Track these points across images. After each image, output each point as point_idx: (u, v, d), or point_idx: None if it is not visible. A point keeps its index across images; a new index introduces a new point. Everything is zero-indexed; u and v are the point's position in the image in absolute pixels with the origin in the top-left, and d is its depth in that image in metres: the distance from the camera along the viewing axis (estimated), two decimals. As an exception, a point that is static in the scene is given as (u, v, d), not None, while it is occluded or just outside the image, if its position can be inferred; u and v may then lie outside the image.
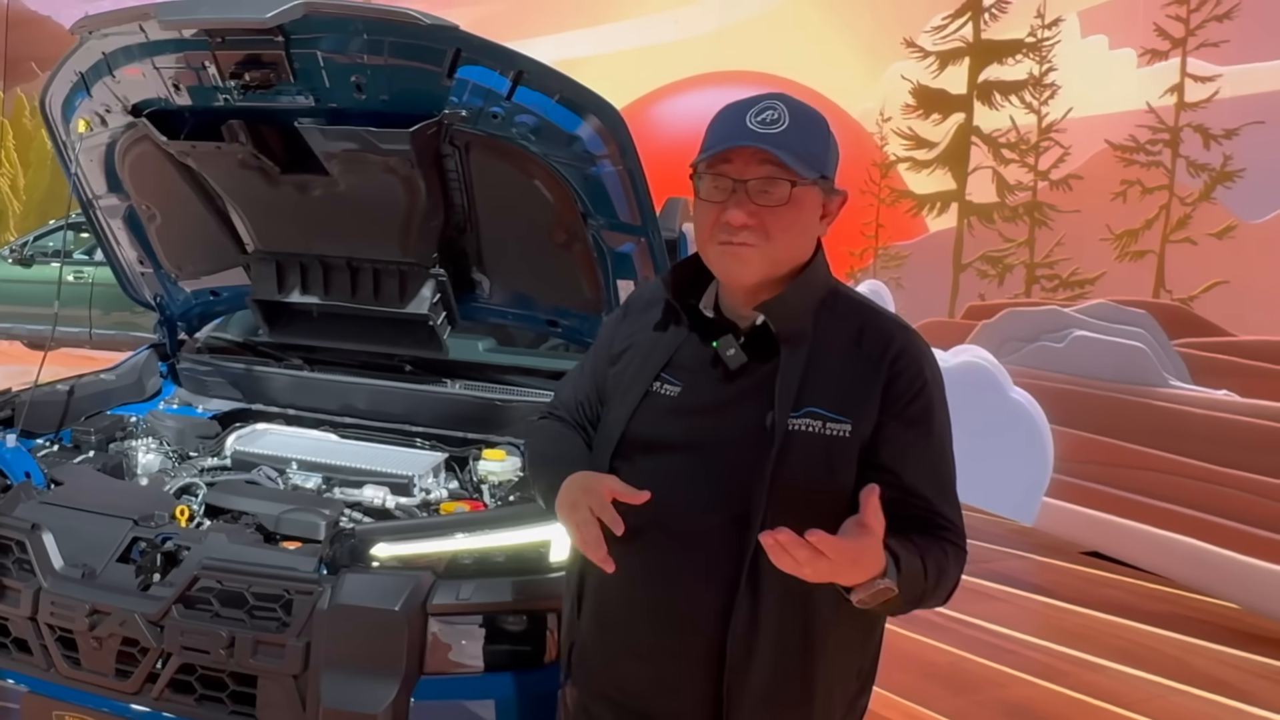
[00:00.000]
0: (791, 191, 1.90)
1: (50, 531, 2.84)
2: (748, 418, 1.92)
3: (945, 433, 1.97)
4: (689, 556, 1.95)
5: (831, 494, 1.88)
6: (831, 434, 1.89)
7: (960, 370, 8.43)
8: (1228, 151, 8.54)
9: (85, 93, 3.48)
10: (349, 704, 2.53)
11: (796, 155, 1.89)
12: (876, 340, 1.95)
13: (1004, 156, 10.56)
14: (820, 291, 2.01)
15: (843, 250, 12.21)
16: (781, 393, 1.91)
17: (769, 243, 1.93)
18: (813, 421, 1.89)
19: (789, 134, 1.90)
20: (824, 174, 1.93)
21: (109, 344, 10.17)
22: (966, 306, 9.90)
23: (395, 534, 2.77)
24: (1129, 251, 9.33)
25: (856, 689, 2.09)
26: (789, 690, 1.95)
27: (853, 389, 1.91)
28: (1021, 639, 5.70)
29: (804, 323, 1.97)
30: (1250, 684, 5.32)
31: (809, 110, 1.97)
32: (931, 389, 1.95)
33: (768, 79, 14.42)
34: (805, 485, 1.88)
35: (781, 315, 1.96)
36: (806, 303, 1.98)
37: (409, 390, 3.72)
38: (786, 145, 1.89)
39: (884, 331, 1.97)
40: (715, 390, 1.99)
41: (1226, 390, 7.55)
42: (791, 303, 1.97)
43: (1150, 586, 6.79)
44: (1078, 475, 7.81)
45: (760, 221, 1.91)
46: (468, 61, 3.01)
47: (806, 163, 1.90)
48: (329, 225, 3.56)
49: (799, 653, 1.94)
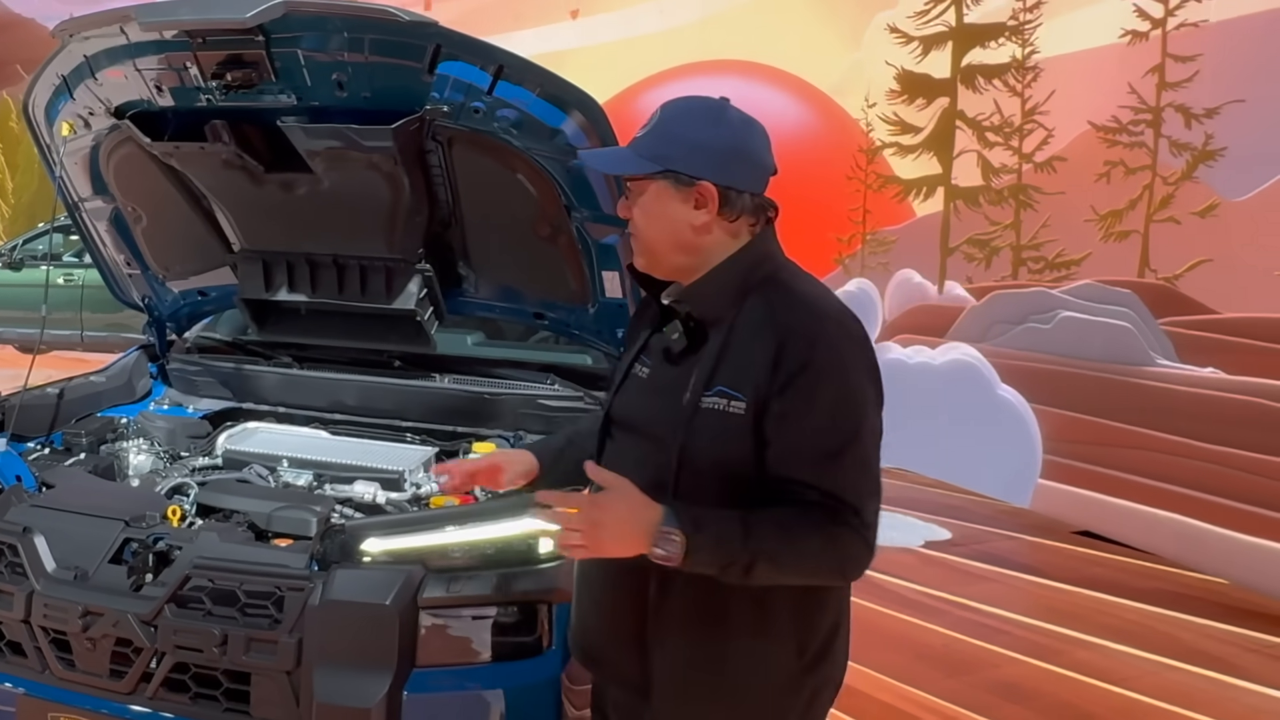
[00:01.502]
0: (634, 186, 2.14)
1: (42, 534, 2.86)
2: (678, 397, 2.06)
3: (838, 407, 1.99)
4: None
5: (730, 468, 2.01)
6: (732, 411, 2.00)
7: (949, 368, 8.46)
8: (1209, 130, 8.56)
9: (68, 95, 3.49)
10: (342, 698, 2.55)
11: (643, 155, 2.10)
12: (776, 321, 2.02)
13: (988, 140, 10.57)
14: (748, 277, 2.10)
15: (830, 236, 12.24)
16: (698, 373, 2.06)
17: (637, 231, 2.16)
18: (719, 400, 2.01)
19: (646, 136, 2.11)
20: (667, 168, 2.07)
21: (100, 346, 10.16)
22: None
23: (385, 529, 2.79)
24: (1114, 232, 9.35)
25: (800, 666, 2.11)
26: (703, 656, 2.08)
27: (751, 369, 2.00)
28: (1013, 619, 5.73)
29: (723, 307, 2.09)
30: (1241, 658, 5.35)
31: (681, 109, 2.13)
32: (819, 365, 1.98)
33: (753, 67, 14.44)
34: (707, 459, 2.02)
35: (696, 301, 2.13)
36: (726, 288, 2.10)
37: (398, 385, 3.74)
38: (637, 146, 2.11)
39: (784, 312, 2.04)
40: (665, 372, 2.16)
41: (1213, 368, 7.58)
42: (706, 289, 2.12)
43: (1140, 564, 6.82)
44: (1067, 455, 7.84)
45: (631, 215, 2.17)
46: (448, 57, 3.03)
47: (652, 160, 2.09)
48: (314, 223, 3.57)
49: (710, 621, 2.06)
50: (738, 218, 2.10)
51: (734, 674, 2.08)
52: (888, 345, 9.22)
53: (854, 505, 1.97)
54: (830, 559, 2.00)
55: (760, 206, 2.13)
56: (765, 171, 2.14)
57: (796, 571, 2.00)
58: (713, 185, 2.07)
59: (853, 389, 2.01)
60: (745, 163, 2.11)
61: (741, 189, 2.09)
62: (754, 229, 2.13)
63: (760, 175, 2.13)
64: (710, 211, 2.08)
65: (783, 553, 1.95)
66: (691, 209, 2.09)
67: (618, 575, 2.12)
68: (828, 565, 2.01)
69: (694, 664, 2.09)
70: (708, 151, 2.07)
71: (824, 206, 12.29)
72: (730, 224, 2.10)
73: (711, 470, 2.01)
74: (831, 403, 1.98)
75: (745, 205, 2.10)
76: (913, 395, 8.57)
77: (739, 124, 2.12)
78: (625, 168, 2.16)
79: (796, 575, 2.01)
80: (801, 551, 1.96)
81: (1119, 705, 4.77)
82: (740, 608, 2.05)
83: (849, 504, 1.96)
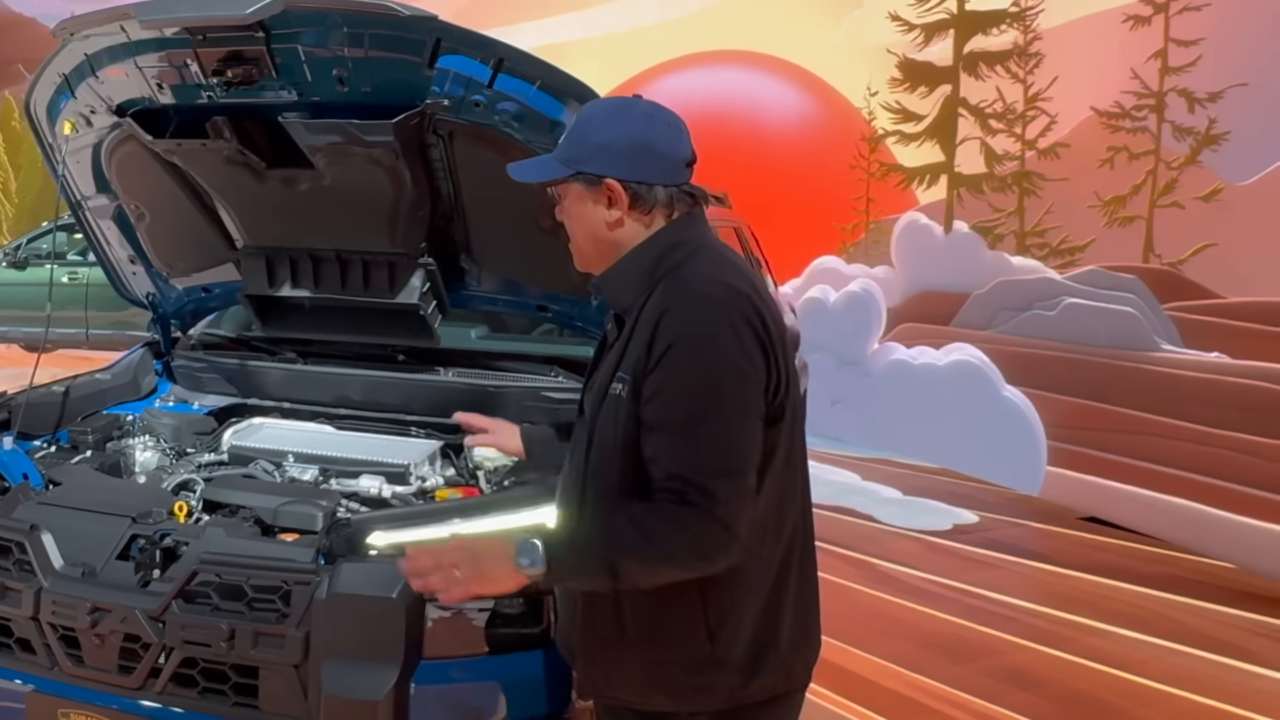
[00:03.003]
0: (556, 190, 2.21)
1: (49, 532, 2.87)
2: (605, 384, 2.13)
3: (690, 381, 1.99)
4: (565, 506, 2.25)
5: (625, 449, 2.06)
6: (622, 395, 2.06)
7: (953, 370, 8.46)
8: (1212, 114, 8.55)
9: (69, 94, 3.50)
10: (350, 692, 2.56)
11: (559, 159, 2.16)
12: (663, 302, 2.05)
13: (991, 127, 10.56)
14: (653, 268, 2.12)
15: (833, 226, 12.23)
16: (609, 360, 2.16)
17: (570, 235, 2.23)
18: (618, 384, 2.08)
19: (563, 142, 2.18)
20: (579, 170, 2.13)
21: (105, 344, 10.19)
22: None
23: (391, 522, 2.80)
24: (1117, 218, 9.35)
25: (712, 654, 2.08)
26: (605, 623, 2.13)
27: (637, 351, 2.06)
28: (1020, 605, 5.73)
29: (631, 296, 2.14)
30: (1248, 642, 5.36)
31: (585, 114, 2.19)
32: (681, 341, 2.00)
33: (754, 57, 14.43)
34: (606, 442, 2.09)
35: (605, 291, 2.22)
36: (630, 277, 2.14)
37: (403, 380, 3.75)
38: (553, 154, 2.18)
39: (672, 294, 2.06)
40: (604, 361, 2.22)
41: (1218, 352, 7.58)
42: (612, 280, 2.19)
43: (1147, 549, 6.82)
44: (1072, 441, 7.84)
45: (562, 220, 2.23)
46: (448, 51, 3.03)
47: (565, 163, 2.15)
48: (317, 219, 3.58)
49: (609, 607, 2.11)
50: (650, 210, 2.14)
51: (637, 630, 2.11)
52: (891, 346, 9.22)
53: (698, 483, 1.94)
54: (683, 544, 1.95)
55: (675, 197, 2.15)
56: (675, 161, 2.15)
57: (662, 562, 1.97)
58: (617, 182, 2.11)
59: (708, 359, 1.99)
60: (649, 156, 2.12)
61: (651, 182, 2.12)
62: (670, 220, 2.16)
63: (670, 166, 2.14)
64: (621, 207, 2.13)
65: (640, 547, 1.95)
66: (605, 208, 2.14)
67: None
68: (682, 551, 1.96)
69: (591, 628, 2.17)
70: (611, 150, 2.11)
71: (827, 196, 12.29)
72: (645, 217, 2.14)
73: (609, 453, 2.08)
74: (683, 377, 2.00)
75: (658, 198, 2.13)
76: (917, 398, 8.59)
77: (642, 119, 2.13)
78: (537, 174, 2.20)
79: (665, 567, 1.97)
80: (655, 541, 1.95)
81: (1126, 690, 4.77)
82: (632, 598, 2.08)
83: (693, 482, 1.94)
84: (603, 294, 2.23)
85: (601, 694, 2.24)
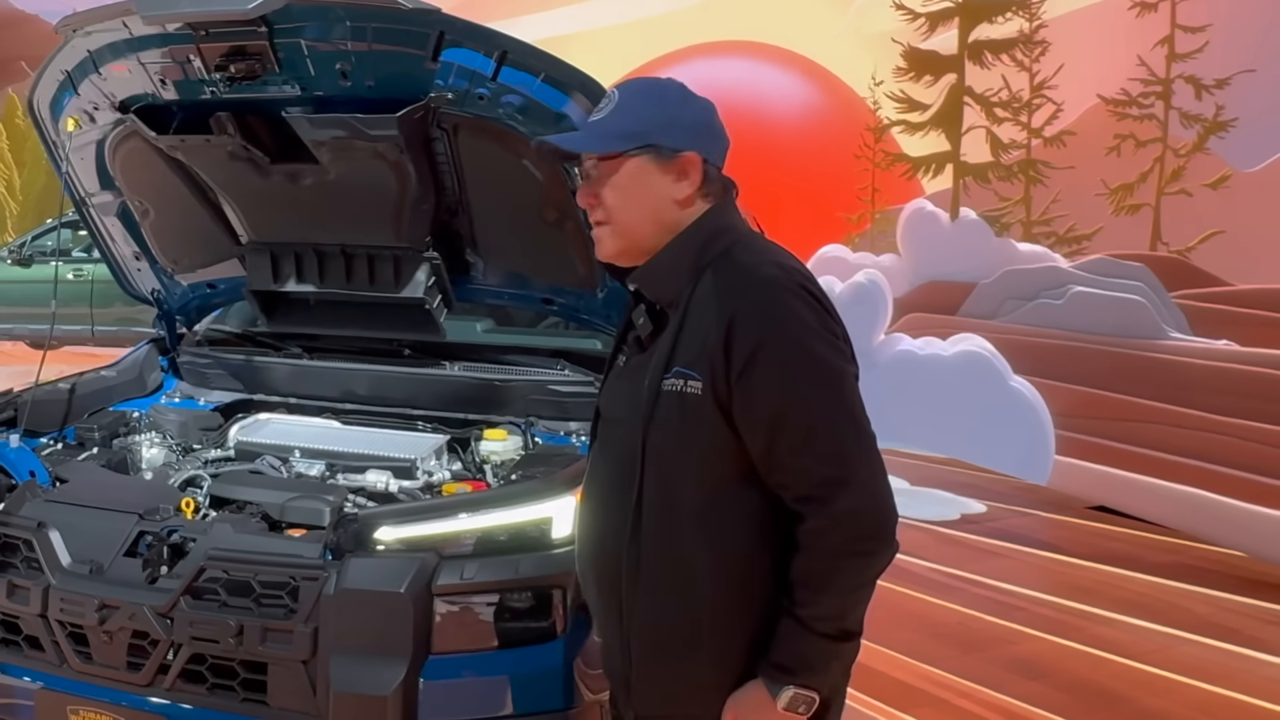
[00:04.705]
0: (606, 166, 2.04)
1: (57, 529, 2.87)
2: (643, 382, 2.01)
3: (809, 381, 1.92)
4: (601, 515, 2.11)
5: (694, 451, 1.95)
6: (688, 391, 1.94)
7: (960, 360, 8.43)
8: (1220, 101, 8.52)
9: (73, 91, 3.49)
10: (359, 687, 2.56)
11: (614, 134, 2.03)
12: (726, 292, 1.96)
13: (997, 115, 10.53)
14: (702, 253, 2.02)
15: (839, 216, 12.21)
16: (657, 356, 2.00)
17: (609, 216, 2.06)
18: (677, 380, 1.95)
19: (609, 117, 2.05)
20: (649, 143, 2.01)
21: (110, 340, 10.20)
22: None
23: (398, 517, 2.79)
24: (1125, 205, 9.34)
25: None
26: (672, 639, 2.02)
27: (703, 347, 1.94)
28: (1029, 595, 5.73)
29: (676, 286, 2.02)
30: (1259, 630, 5.35)
31: (645, 88, 2.09)
32: (774, 341, 1.91)
33: (759, 48, 14.41)
34: (668, 443, 1.96)
35: (650, 281, 2.07)
36: (678, 266, 2.03)
37: (409, 374, 3.74)
38: (604, 128, 2.04)
39: (736, 283, 1.97)
40: (635, 359, 2.12)
41: (1226, 340, 7.56)
42: (659, 268, 2.06)
43: (1156, 538, 6.81)
44: (1081, 431, 7.83)
45: (599, 199, 2.06)
46: (451, 44, 3.02)
47: (623, 137, 2.02)
48: (321, 213, 3.57)
49: (676, 603, 2.00)
50: (709, 193, 2.06)
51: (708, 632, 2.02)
52: (898, 336, 9.21)
53: (842, 477, 1.90)
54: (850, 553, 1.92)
55: (726, 182, 2.10)
56: (725, 146, 2.11)
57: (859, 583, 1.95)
58: (697, 155, 2.03)
59: (817, 357, 1.93)
60: (716, 137, 2.08)
61: (716, 163, 2.07)
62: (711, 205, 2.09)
63: (724, 151, 2.11)
64: (694, 183, 2.04)
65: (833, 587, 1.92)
66: (673, 181, 2.03)
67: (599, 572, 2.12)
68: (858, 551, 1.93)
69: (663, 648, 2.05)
70: (684, 125, 2.04)
71: (832, 186, 12.27)
72: (703, 199, 2.06)
73: (671, 455, 1.96)
74: (800, 379, 1.91)
75: (716, 179, 2.07)
76: (924, 389, 8.56)
77: (703, 101, 2.10)
78: (607, 145, 2.04)
79: (862, 585, 1.96)
80: (838, 569, 1.92)
81: (1136, 679, 4.77)
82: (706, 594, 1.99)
83: (836, 480, 1.90)
84: (643, 284, 2.08)
85: (660, 712, 2.10)
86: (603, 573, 2.10)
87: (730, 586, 1.98)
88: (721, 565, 1.97)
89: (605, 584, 2.10)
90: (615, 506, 2.05)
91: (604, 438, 2.17)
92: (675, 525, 1.97)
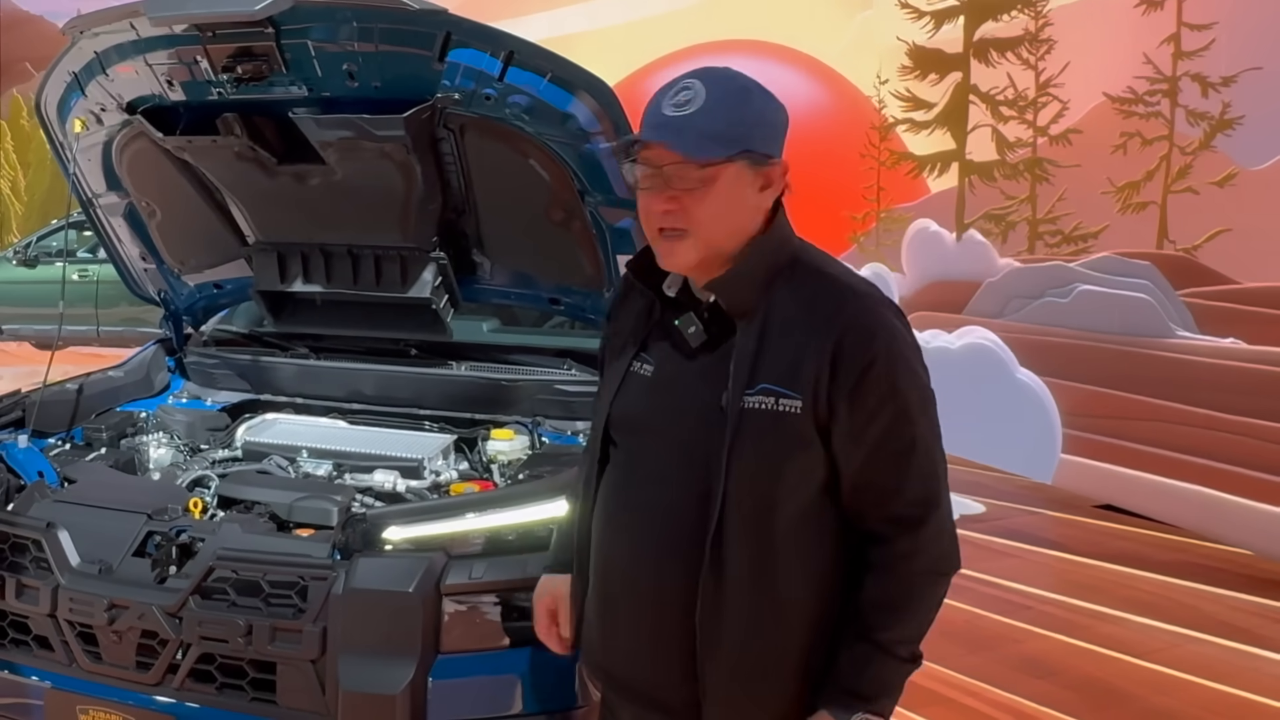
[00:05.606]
0: (702, 174, 1.85)
1: (66, 529, 2.87)
2: (707, 395, 1.90)
3: (918, 404, 1.89)
4: (660, 534, 1.96)
5: (788, 471, 1.87)
6: (784, 410, 1.84)
7: (966, 352, 8.41)
8: (1226, 98, 8.51)
9: (80, 92, 3.50)
10: (368, 686, 2.56)
11: (708, 136, 1.83)
12: (825, 308, 1.87)
13: (1002, 114, 10.52)
14: (776, 261, 1.93)
15: (844, 215, 12.20)
16: (736, 370, 1.88)
17: (695, 227, 1.88)
18: (766, 399, 1.85)
19: (700, 115, 1.84)
20: (746, 148, 1.86)
21: (117, 341, 10.20)
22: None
23: (406, 517, 2.79)
24: (1131, 204, 9.32)
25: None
26: (761, 664, 1.94)
27: (803, 362, 1.85)
28: (1037, 594, 5.72)
29: (755, 296, 1.91)
30: (1266, 629, 5.34)
31: (731, 83, 1.90)
32: (886, 361, 1.85)
33: (763, 46, 14.40)
34: (760, 463, 1.86)
35: (729, 292, 1.93)
36: (756, 275, 1.92)
37: (415, 374, 3.74)
38: (695, 127, 1.83)
39: (833, 299, 1.89)
40: (681, 368, 1.98)
41: (1234, 338, 7.55)
42: (739, 278, 1.92)
43: (1163, 537, 6.80)
44: (1087, 429, 7.82)
45: (682, 206, 1.87)
46: (458, 44, 3.02)
47: (720, 141, 1.84)
48: (328, 214, 3.57)
49: (768, 627, 1.92)
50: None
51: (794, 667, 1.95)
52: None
53: (935, 498, 1.91)
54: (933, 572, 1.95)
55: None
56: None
57: (936, 604, 1.96)
58: (783, 162, 1.90)
59: (919, 376, 1.90)
60: (782, 138, 1.94)
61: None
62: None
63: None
64: (777, 191, 1.92)
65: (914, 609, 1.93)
66: (759, 190, 1.90)
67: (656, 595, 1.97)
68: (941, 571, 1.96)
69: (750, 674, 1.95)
70: (773, 127, 1.91)
71: (838, 185, 12.27)
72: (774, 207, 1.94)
73: (764, 473, 1.86)
74: (907, 397, 1.87)
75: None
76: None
77: (775, 97, 1.94)
78: (703, 149, 1.84)
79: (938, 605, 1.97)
80: (922, 591, 1.93)
81: (1143, 678, 4.76)
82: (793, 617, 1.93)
83: (930, 500, 1.90)
84: (722, 295, 1.92)
85: None
86: (655, 600, 1.97)
87: (821, 607, 1.93)
88: (812, 586, 1.92)
89: (658, 611, 1.97)
90: (675, 529, 1.93)
91: (639, 451, 2.03)
92: (767, 549, 1.89)
